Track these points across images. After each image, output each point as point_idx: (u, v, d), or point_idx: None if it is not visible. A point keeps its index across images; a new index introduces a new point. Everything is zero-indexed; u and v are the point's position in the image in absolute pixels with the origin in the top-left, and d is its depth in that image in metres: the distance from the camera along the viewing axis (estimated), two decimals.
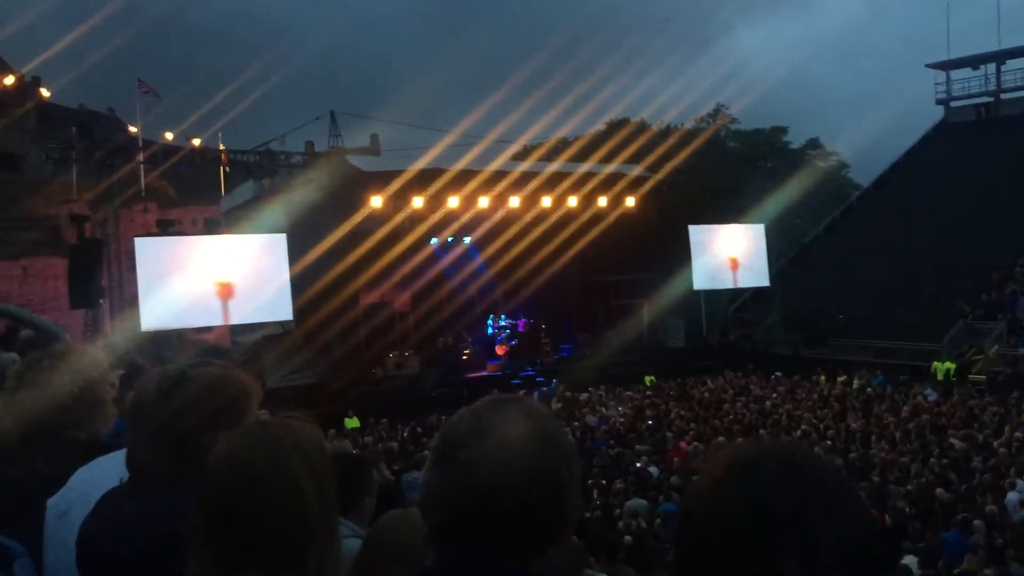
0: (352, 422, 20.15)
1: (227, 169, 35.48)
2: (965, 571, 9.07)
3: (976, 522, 10.65)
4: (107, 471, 2.27)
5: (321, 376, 23.38)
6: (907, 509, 11.40)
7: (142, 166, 32.46)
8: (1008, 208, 31.87)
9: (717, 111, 49.82)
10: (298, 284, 22.84)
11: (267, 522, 1.52)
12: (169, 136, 35.76)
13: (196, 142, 34.64)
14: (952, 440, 15.61)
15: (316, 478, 1.57)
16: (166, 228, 23.99)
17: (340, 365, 23.52)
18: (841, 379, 24.30)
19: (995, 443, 15.05)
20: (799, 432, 16.55)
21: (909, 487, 12.55)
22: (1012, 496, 11.87)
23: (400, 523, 2.43)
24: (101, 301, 22.26)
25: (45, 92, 38.13)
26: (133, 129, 36.32)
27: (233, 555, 1.52)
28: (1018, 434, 15.73)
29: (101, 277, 22.35)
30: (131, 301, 24.77)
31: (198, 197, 38.95)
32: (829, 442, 15.72)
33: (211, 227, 26.10)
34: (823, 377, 24.75)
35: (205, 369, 2.10)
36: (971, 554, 9.46)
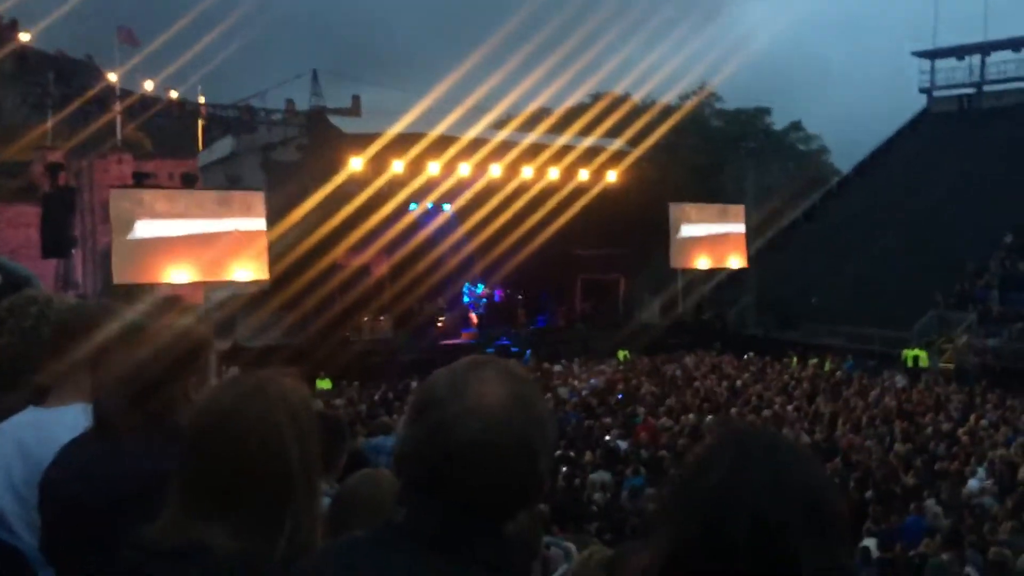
0: (324, 383, 20.14)
1: (205, 123, 35.05)
2: (922, 554, 9.22)
3: (936, 507, 10.85)
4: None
5: (294, 337, 23.31)
6: (868, 492, 11.57)
7: (119, 116, 31.98)
8: (985, 200, 32.19)
9: (701, 87, 49.81)
10: (274, 243, 22.69)
11: (248, 474, 1.52)
12: (148, 86, 35.19)
13: (174, 94, 34.18)
14: (916, 426, 15.85)
15: (300, 434, 1.57)
16: (141, 180, 23.61)
17: (314, 326, 23.45)
18: (812, 362, 24.56)
19: (959, 431, 15.30)
20: (768, 413, 16.73)
21: (872, 470, 12.72)
22: (972, 483, 12.10)
23: (369, 482, 2.43)
24: (73, 251, 21.99)
25: (25, 36, 37.33)
26: (112, 77, 35.67)
27: (211, 504, 1.51)
28: (983, 422, 16.01)
29: (74, 227, 22.07)
30: (104, 253, 24.51)
31: (175, 150, 38.42)
32: (796, 423, 15.92)
33: (188, 181, 25.73)
34: (795, 359, 25.00)
35: (169, 320, 2.09)
36: (929, 538, 9.61)
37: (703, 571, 1.12)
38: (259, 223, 22.84)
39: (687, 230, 30.38)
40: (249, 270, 23.05)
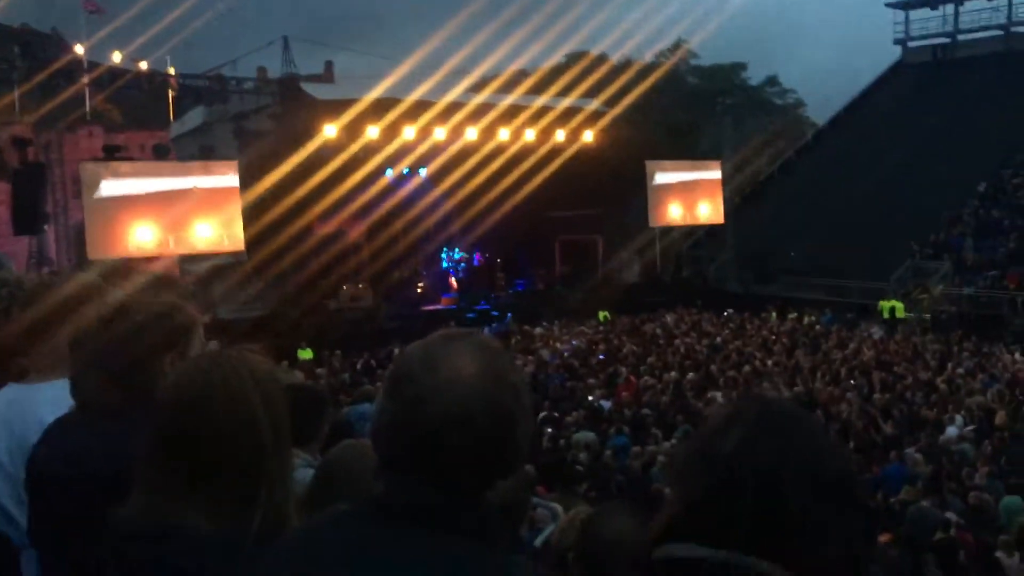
0: (305, 353, 20.08)
1: (176, 93, 34.55)
2: (903, 501, 9.38)
3: (916, 455, 11.02)
4: None
5: (274, 308, 23.20)
6: (849, 443, 11.72)
7: (87, 88, 31.48)
8: (960, 150, 32.35)
9: (677, 45, 49.56)
10: (250, 214, 22.49)
11: (221, 449, 1.52)
12: (116, 57, 34.57)
13: (144, 65, 33.60)
14: (895, 377, 16.02)
15: (271, 408, 1.57)
16: (112, 153, 23.27)
17: (293, 297, 23.34)
18: (791, 316, 24.73)
19: (937, 380, 15.49)
20: (748, 368, 16.86)
21: (852, 421, 12.88)
22: (951, 430, 12.28)
23: (352, 454, 2.43)
24: (46, 227, 21.71)
25: None
26: (78, 50, 35.03)
27: (183, 481, 1.52)
28: (959, 371, 16.22)
29: (46, 203, 21.77)
30: (77, 228, 24.24)
31: (146, 122, 37.97)
32: (776, 378, 16.06)
33: (159, 153, 25.41)
34: (774, 314, 25.18)
35: (152, 299, 2.07)
36: (909, 485, 9.77)
37: (708, 533, 1.15)
38: (233, 193, 22.64)
39: (665, 188, 30.38)
40: (224, 241, 22.86)
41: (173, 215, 21.67)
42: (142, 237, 21.33)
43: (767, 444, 1.18)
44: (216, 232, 22.42)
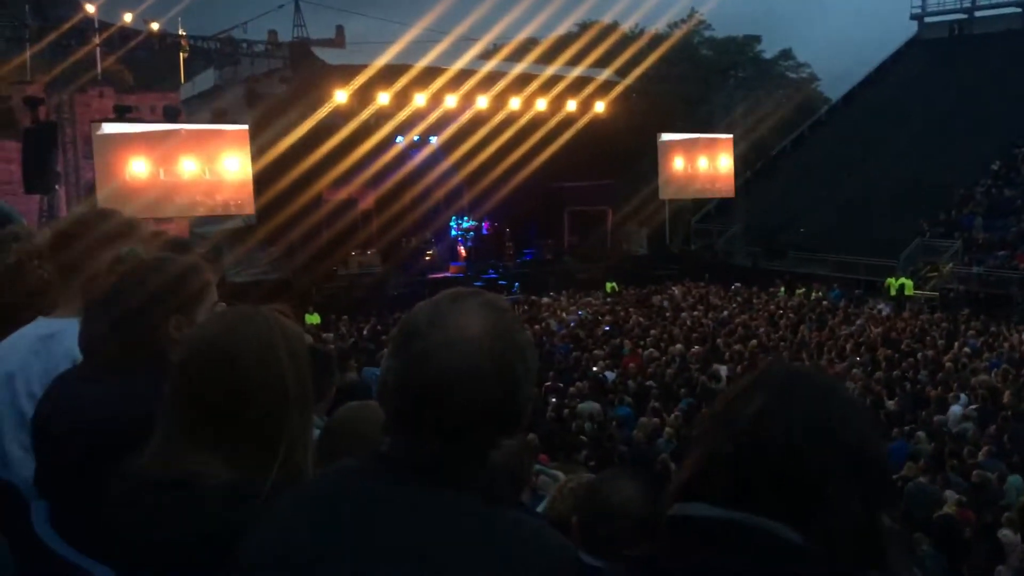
0: (312, 318, 20.17)
1: (187, 55, 34.35)
2: (904, 477, 9.42)
3: (919, 432, 11.04)
4: None
5: (280, 271, 23.25)
6: None
7: (99, 49, 31.28)
8: (974, 128, 32.05)
9: (691, 15, 49.11)
10: (260, 178, 22.48)
11: (246, 402, 1.52)
12: (127, 18, 34.35)
13: (155, 26, 33.37)
14: (901, 354, 16.01)
15: (297, 364, 1.58)
16: (123, 114, 23.25)
17: (302, 262, 23.37)
18: (799, 291, 24.70)
19: (943, 358, 15.47)
20: (754, 342, 16.86)
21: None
22: (955, 409, 12.28)
23: (358, 414, 2.45)
24: (56, 187, 21.74)
25: None
26: (89, 9, 34.77)
27: (203, 432, 1.52)
28: (966, 349, 16.19)
29: (56, 162, 21.79)
30: (87, 188, 24.26)
31: (156, 83, 37.90)
32: (781, 352, 16.06)
33: (170, 115, 25.36)
34: (783, 289, 25.14)
35: (173, 257, 2.07)
36: (912, 462, 9.80)
37: (724, 495, 1.16)
38: (244, 157, 22.67)
39: (676, 161, 30.27)
40: (234, 205, 22.93)
41: (162, 150, 22.15)
42: (137, 169, 21.82)
43: (792, 408, 1.18)
44: (199, 166, 22.64)
